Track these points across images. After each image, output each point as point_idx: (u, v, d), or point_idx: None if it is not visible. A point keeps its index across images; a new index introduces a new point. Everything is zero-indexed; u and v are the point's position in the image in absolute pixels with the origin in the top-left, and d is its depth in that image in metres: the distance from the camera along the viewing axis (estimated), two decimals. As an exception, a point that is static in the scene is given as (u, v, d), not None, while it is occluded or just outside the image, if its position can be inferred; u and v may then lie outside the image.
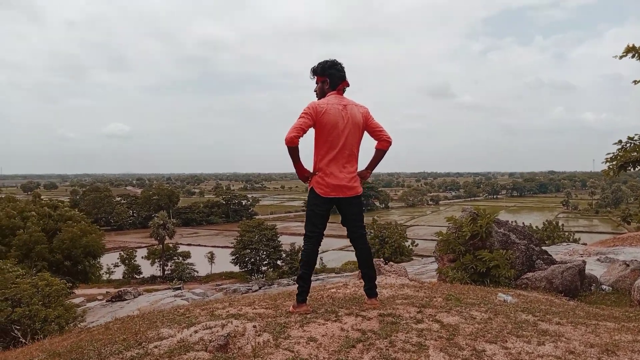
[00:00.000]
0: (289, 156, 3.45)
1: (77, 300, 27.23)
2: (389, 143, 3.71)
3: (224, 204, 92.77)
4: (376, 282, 5.58)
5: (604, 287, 7.76)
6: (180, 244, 62.02)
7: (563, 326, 3.22)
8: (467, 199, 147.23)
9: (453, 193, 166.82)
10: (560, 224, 52.06)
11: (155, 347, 2.82)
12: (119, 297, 22.47)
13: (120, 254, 53.83)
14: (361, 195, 3.70)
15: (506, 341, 2.81)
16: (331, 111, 3.50)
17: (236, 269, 50.37)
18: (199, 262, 52.52)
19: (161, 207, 79.92)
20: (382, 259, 6.47)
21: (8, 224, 20.97)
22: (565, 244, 21.51)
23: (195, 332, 3.07)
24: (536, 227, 46.49)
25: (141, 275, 51.28)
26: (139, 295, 23.18)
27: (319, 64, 3.67)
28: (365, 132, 3.72)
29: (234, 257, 49.64)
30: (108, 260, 53.11)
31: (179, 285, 28.38)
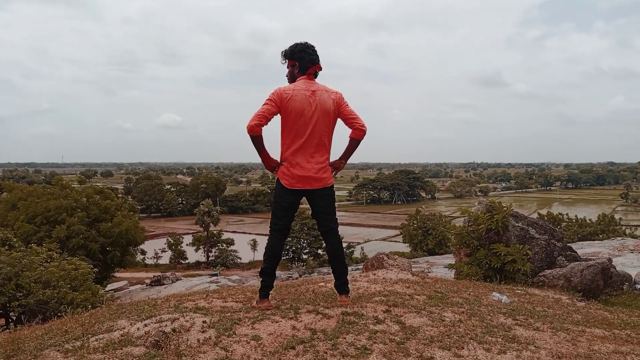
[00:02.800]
0: (253, 145, 3.29)
1: (120, 284, 28.41)
2: (363, 132, 3.45)
3: (269, 192, 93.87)
4: (374, 276, 5.40)
5: (638, 286, 7.22)
6: (225, 231, 63.45)
7: (541, 332, 2.91)
8: (518, 191, 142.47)
9: (503, 184, 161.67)
10: (617, 217, 49.40)
11: (97, 340, 2.75)
12: (157, 282, 23.14)
13: (167, 239, 55.54)
14: (331, 187, 3.49)
15: (462, 348, 2.55)
16: (297, 97, 3.29)
17: (278, 256, 50.95)
18: (242, 249, 53.48)
19: (208, 195, 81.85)
20: (385, 253, 6.23)
21: (56, 214, 21.91)
22: (619, 238, 20.23)
23: (146, 325, 2.98)
24: (589, 220, 44.35)
25: (187, 261, 52.81)
26: (177, 280, 23.78)
27: (290, 47, 3.47)
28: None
29: (275, 245, 50.19)
30: (156, 245, 55.09)
31: (216, 272, 28.93)
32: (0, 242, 11.23)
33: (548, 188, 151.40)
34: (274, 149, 3.43)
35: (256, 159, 3.47)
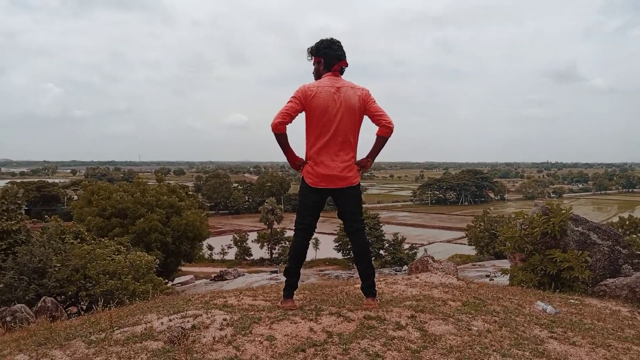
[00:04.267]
0: (277, 143, 3.27)
1: (187, 277, 29.60)
2: (390, 129, 3.33)
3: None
4: (417, 279, 5.23)
5: None
6: (289, 229, 64.33)
7: (577, 347, 2.68)
8: (597, 193, 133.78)
9: (580, 185, 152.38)
10: None
11: (121, 332, 2.85)
12: (220, 277, 23.90)
13: (233, 236, 57.22)
14: (357, 186, 3.39)
15: (482, 361, 2.39)
16: (321, 94, 3.23)
17: (339, 255, 51.06)
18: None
19: (273, 193, 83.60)
20: (431, 255, 6.02)
21: (134, 210, 23.20)
22: None
23: (170, 320, 3.05)
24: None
25: (251, 257, 54.20)
26: (239, 276, 24.44)
27: (316, 43, 3.42)
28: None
29: (337, 244, 50.32)
30: (223, 241, 57.04)
31: (276, 269, 29.42)
32: (73, 236, 12.03)
33: (630, 190, 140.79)
34: (301, 148, 3.40)
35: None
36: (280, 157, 3.42)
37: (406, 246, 51.67)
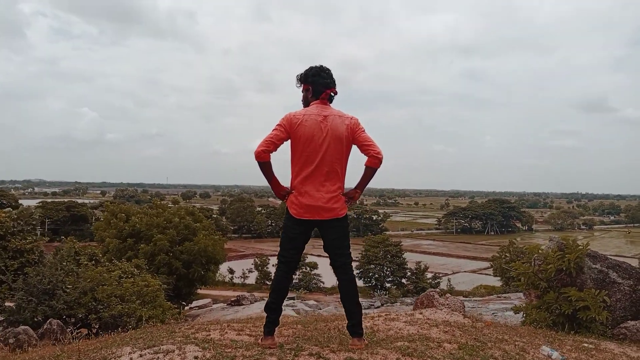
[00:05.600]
0: (261, 172, 3.14)
1: (205, 301, 29.47)
2: (379, 160, 3.17)
3: (355, 217, 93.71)
4: (420, 315, 4.97)
5: None
6: (310, 254, 63.80)
7: (574, 406, 2.41)
8: (629, 225, 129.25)
9: (612, 217, 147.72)
10: None
11: (86, 367, 2.71)
12: (237, 302, 23.61)
13: (255, 260, 57.05)
14: (344, 218, 3.23)
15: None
16: (307, 123, 3.11)
17: (360, 283, 50.25)
18: (325, 273, 53.39)
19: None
20: (437, 290, 5.75)
21: (146, 231, 23.40)
22: None
23: (141, 356, 2.91)
24: None
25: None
26: (255, 301, 24.13)
27: (305, 70, 3.32)
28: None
29: (358, 272, 49.61)
30: (244, 265, 56.95)
31: (293, 296, 29.04)
32: (88, 258, 12.09)
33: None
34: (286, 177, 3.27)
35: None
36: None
37: (429, 275, 50.59)
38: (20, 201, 73.28)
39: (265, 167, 3.11)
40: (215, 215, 76.79)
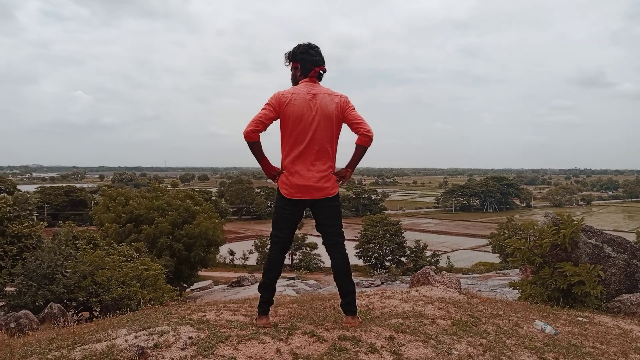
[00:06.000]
0: (251, 152, 3.12)
1: (205, 283, 29.72)
2: (370, 138, 3.13)
3: (354, 197, 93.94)
4: (416, 293, 5.00)
5: None
6: (310, 234, 64.18)
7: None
8: (627, 200, 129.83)
9: (610, 193, 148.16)
10: None
11: (81, 350, 2.72)
12: (237, 283, 23.81)
13: (255, 241, 57.30)
14: (335, 197, 3.21)
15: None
16: (296, 101, 3.07)
17: (360, 262, 50.64)
18: (325, 253, 53.56)
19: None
20: (433, 267, 5.78)
21: (147, 215, 23.47)
22: None
23: (136, 337, 2.92)
24: None
25: (272, 263, 54.15)
26: (256, 282, 24.33)
27: (293, 48, 3.26)
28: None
29: (357, 251, 49.94)
30: (245, 247, 57.27)
31: (294, 276, 29.28)
32: (87, 242, 12.12)
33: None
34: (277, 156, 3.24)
35: (340, 164, 3.28)
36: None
37: (429, 253, 50.95)
38: (18, 187, 73.17)
39: (255, 147, 3.08)
40: (214, 198, 76.87)
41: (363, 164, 3.22)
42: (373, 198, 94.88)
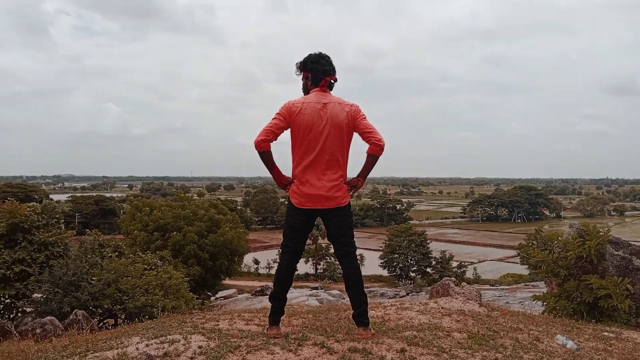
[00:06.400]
0: (262, 162, 3.12)
1: (230, 291, 29.86)
2: (381, 147, 3.10)
3: (378, 207, 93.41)
4: (435, 304, 4.90)
5: None
6: (334, 245, 64.12)
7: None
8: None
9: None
10: None
11: (93, 358, 2.75)
12: (261, 292, 23.88)
13: (279, 250, 57.24)
14: (346, 206, 3.18)
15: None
16: (307, 111, 3.06)
17: (385, 273, 50.16)
18: (349, 263, 53.42)
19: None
20: (452, 279, 5.67)
21: (173, 223, 23.82)
22: None
23: (147, 345, 2.94)
24: None
25: (296, 272, 53.96)
26: (279, 292, 24.35)
27: (304, 58, 3.27)
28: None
29: (382, 261, 49.48)
30: (269, 256, 57.39)
31: (317, 286, 29.17)
32: (112, 249, 12.32)
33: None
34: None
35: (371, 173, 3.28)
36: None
37: (454, 264, 50.11)
38: (51, 196, 75.30)
39: (266, 156, 3.09)
40: (239, 207, 77.51)
41: (388, 173, 3.21)
42: (398, 208, 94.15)
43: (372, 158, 3.15)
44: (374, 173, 3.34)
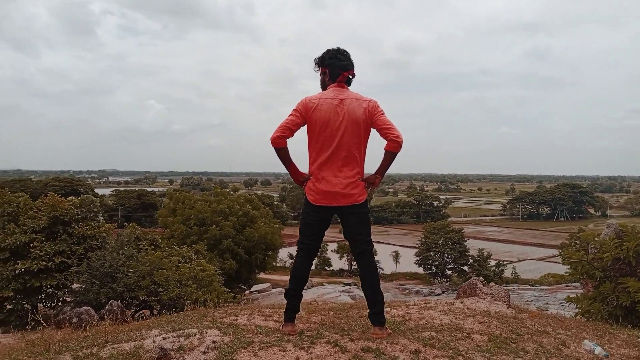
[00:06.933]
0: (278, 158, 3.11)
1: (264, 285, 30.22)
2: (399, 144, 3.02)
3: (415, 204, 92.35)
4: (461, 304, 4.78)
5: None
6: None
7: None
8: None
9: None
10: None
11: (111, 349, 2.82)
12: (294, 287, 24.08)
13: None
14: (363, 204, 3.13)
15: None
16: (323, 107, 3.03)
17: (420, 270, 49.59)
18: (384, 259, 53.08)
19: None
20: (480, 278, 5.52)
21: (211, 217, 24.28)
22: None
23: (164, 338, 2.99)
24: None
25: (330, 268, 54.26)
26: (312, 286, 24.49)
27: (322, 53, 3.23)
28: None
29: (418, 258, 48.92)
30: (304, 251, 57.68)
31: (350, 282, 29.13)
32: (148, 242, 12.68)
33: None
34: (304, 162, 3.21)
35: (404, 170, 3.27)
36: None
37: (493, 263, 49.01)
38: (95, 190, 78.05)
39: (282, 153, 3.08)
40: (275, 202, 78.17)
41: (425, 169, 3.14)
42: (435, 205, 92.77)
43: (390, 155, 3.09)
44: (412, 169, 3.29)
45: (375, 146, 3.26)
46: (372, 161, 3.30)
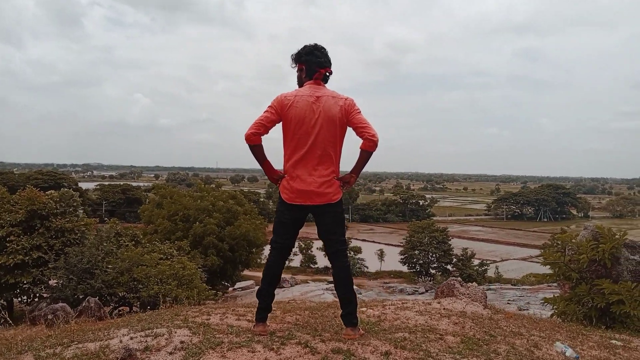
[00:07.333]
0: (252, 155, 3.06)
1: (247, 283, 30.11)
2: (374, 142, 2.99)
3: (401, 202, 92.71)
4: (438, 305, 4.79)
5: None
6: (355, 239, 63.87)
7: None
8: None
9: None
10: None
11: (75, 349, 2.75)
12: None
13: (299, 243, 57.52)
14: (337, 203, 3.09)
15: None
16: (299, 104, 2.98)
17: (405, 268, 49.81)
18: (370, 258, 53.25)
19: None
20: (459, 278, 5.53)
21: (195, 214, 24.08)
22: None
23: (131, 338, 2.93)
24: None
25: (316, 265, 54.25)
26: (296, 284, 24.45)
27: (299, 49, 3.19)
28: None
29: (402, 257, 49.13)
30: (289, 248, 57.56)
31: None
32: (129, 238, 12.52)
33: None
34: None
35: (391, 168, 3.21)
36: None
37: (476, 262, 49.41)
38: (79, 184, 77.06)
39: (256, 150, 3.03)
40: (262, 199, 77.82)
41: (411, 168, 3.09)
42: (421, 204, 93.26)
43: (366, 154, 3.05)
44: (399, 168, 3.25)
45: (351, 145, 3.21)
46: (347, 160, 3.26)
